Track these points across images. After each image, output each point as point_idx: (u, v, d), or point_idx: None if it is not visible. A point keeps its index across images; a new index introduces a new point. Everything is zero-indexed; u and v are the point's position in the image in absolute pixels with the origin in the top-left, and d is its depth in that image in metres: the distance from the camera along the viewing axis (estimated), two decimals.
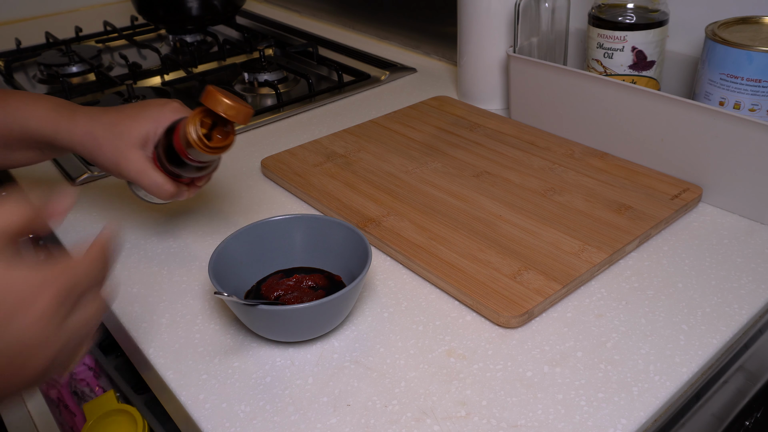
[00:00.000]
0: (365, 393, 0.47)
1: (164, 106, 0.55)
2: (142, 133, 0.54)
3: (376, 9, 1.20)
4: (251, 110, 0.52)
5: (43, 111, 0.54)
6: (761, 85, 0.62)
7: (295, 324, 0.49)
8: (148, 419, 0.64)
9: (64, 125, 0.53)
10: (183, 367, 0.50)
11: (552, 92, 0.77)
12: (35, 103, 0.54)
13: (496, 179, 0.71)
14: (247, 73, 1.05)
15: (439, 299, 0.56)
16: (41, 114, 0.54)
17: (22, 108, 0.54)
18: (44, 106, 0.54)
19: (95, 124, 0.53)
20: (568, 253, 0.58)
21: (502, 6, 0.83)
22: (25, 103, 0.54)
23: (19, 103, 0.54)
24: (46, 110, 0.54)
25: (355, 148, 0.79)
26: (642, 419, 0.44)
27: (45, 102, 0.55)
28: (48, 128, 0.54)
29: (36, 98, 0.55)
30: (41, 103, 0.55)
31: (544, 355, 0.50)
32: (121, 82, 1.03)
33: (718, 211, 0.66)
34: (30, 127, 0.54)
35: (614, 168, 0.71)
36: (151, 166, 0.55)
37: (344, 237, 0.55)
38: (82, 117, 0.54)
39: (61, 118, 0.53)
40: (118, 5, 1.52)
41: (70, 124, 0.53)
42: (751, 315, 0.53)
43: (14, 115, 0.54)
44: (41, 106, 0.54)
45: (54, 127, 0.53)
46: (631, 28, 0.71)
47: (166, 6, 1.20)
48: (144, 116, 0.54)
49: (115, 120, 0.53)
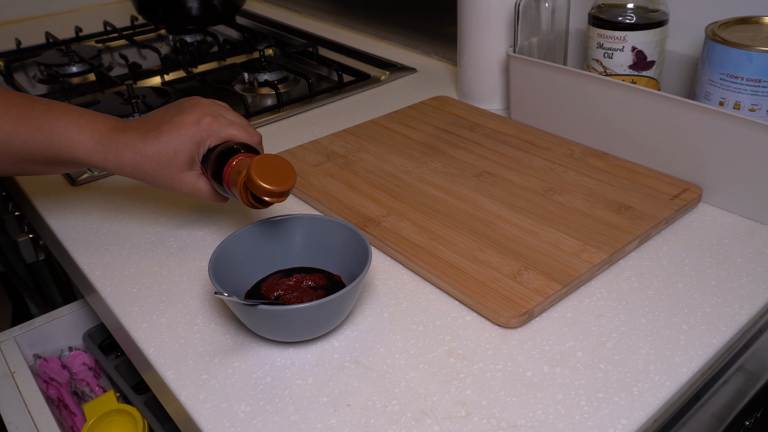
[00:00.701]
0: (365, 393, 0.47)
1: (199, 126, 0.56)
2: (188, 159, 0.57)
3: (376, 9, 1.20)
4: (294, 180, 0.52)
5: (90, 143, 0.56)
6: (761, 85, 0.62)
7: (295, 324, 0.49)
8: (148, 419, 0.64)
9: (111, 158, 0.56)
10: (183, 367, 0.50)
11: (552, 92, 0.77)
12: (79, 130, 0.56)
13: (496, 179, 0.71)
14: (247, 73, 1.05)
15: (439, 299, 0.56)
16: (88, 146, 0.56)
17: (67, 136, 0.56)
18: (88, 136, 0.56)
19: (141, 158, 0.56)
20: (568, 253, 0.58)
21: (502, 6, 0.83)
22: (69, 130, 0.56)
23: (64, 130, 0.56)
24: (92, 142, 0.56)
25: (355, 148, 0.79)
26: (642, 419, 0.44)
27: (87, 131, 0.57)
28: (96, 159, 0.57)
29: (78, 124, 0.57)
30: (84, 132, 0.56)
31: (544, 355, 0.50)
32: (121, 82, 1.04)
33: (718, 211, 0.66)
34: (78, 156, 0.57)
35: (614, 168, 0.71)
36: (203, 182, 0.58)
37: (344, 237, 0.55)
38: (126, 151, 0.56)
39: (108, 152, 0.56)
40: (118, 5, 1.52)
41: (117, 158, 0.56)
42: (751, 315, 0.53)
43: (61, 142, 0.56)
44: (85, 135, 0.56)
45: (102, 160, 0.57)
46: (631, 28, 0.71)
47: (166, 6, 1.20)
48: (185, 141, 0.56)
49: (158, 152, 0.56)
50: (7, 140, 0.56)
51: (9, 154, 0.57)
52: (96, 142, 0.56)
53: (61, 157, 0.57)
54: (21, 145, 0.56)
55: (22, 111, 0.57)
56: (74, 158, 0.57)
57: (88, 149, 0.56)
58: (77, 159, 0.57)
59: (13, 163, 0.58)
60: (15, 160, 0.58)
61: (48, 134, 0.56)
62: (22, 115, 0.56)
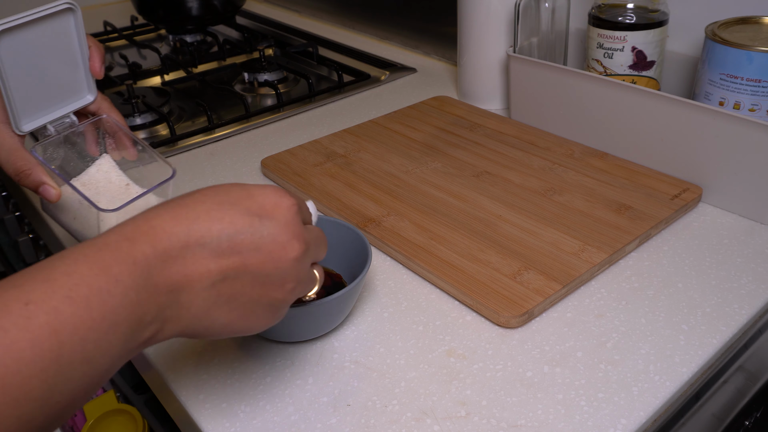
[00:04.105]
0: (365, 393, 0.47)
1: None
2: None
3: (376, 9, 1.20)
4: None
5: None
6: (761, 85, 0.62)
7: (295, 324, 0.49)
8: (148, 419, 0.64)
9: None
10: (183, 367, 0.50)
11: (552, 92, 0.77)
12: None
13: (496, 179, 0.71)
14: (247, 73, 1.05)
15: (439, 299, 0.56)
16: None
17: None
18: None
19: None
20: (568, 253, 0.58)
21: (502, 6, 0.83)
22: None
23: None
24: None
25: (355, 148, 0.79)
26: (642, 419, 0.44)
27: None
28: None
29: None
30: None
31: (544, 355, 0.50)
32: (121, 82, 1.03)
33: (718, 211, 0.66)
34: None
35: (614, 168, 0.71)
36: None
37: (344, 237, 0.55)
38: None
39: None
40: (118, 5, 1.52)
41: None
42: (751, 315, 0.53)
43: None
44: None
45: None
46: (631, 28, 0.71)
47: (166, 6, 1.20)
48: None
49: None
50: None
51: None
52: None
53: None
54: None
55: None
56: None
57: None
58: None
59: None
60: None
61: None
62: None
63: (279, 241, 0.38)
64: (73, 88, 0.56)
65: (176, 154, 0.83)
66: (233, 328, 0.39)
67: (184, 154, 0.83)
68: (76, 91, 0.57)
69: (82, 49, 0.55)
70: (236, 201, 0.38)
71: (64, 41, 0.54)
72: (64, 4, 0.52)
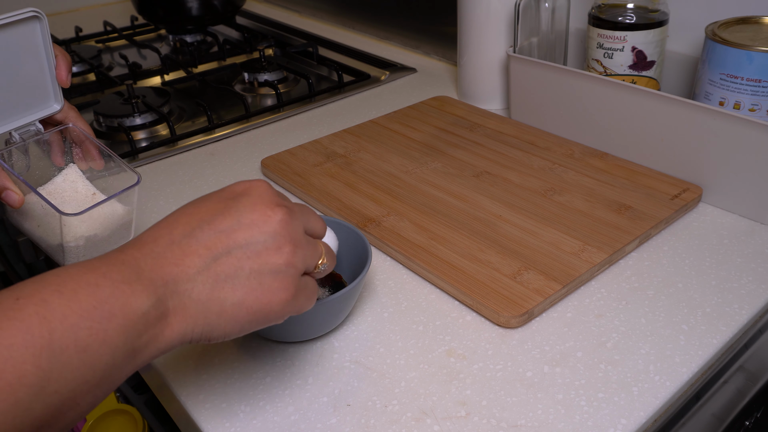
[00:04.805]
0: (365, 393, 0.47)
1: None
2: None
3: (376, 9, 1.20)
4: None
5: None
6: (761, 85, 0.62)
7: (295, 324, 0.49)
8: (148, 419, 0.64)
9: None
10: (183, 367, 0.50)
11: (552, 92, 0.77)
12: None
13: (496, 179, 0.71)
14: (247, 73, 1.05)
15: (439, 299, 0.56)
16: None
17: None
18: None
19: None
20: (568, 253, 0.58)
21: (502, 6, 0.83)
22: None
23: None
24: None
25: (355, 148, 0.79)
26: (642, 419, 0.44)
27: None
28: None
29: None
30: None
31: (544, 355, 0.50)
32: (121, 82, 1.04)
33: (718, 211, 0.66)
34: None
35: (614, 168, 0.71)
36: None
37: (344, 237, 0.55)
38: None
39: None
40: (118, 5, 1.52)
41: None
42: (751, 315, 0.53)
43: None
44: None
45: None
46: (631, 28, 0.71)
47: (166, 6, 1.20)
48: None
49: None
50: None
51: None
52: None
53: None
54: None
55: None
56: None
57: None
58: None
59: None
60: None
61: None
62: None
63: (258, 210, 0.39)
64: (40, 97, 0.56)
65: (176, 154, 0.83)
66: (249, 307, 0.38)
67: (184, 154, 0.83)
68: (43, 100, 0.56)
69: (49, 57, 0.55)
70: (210, 196, 0.41)
71: (29, 49, 0.53)
72: (29, 12, 0.51)
